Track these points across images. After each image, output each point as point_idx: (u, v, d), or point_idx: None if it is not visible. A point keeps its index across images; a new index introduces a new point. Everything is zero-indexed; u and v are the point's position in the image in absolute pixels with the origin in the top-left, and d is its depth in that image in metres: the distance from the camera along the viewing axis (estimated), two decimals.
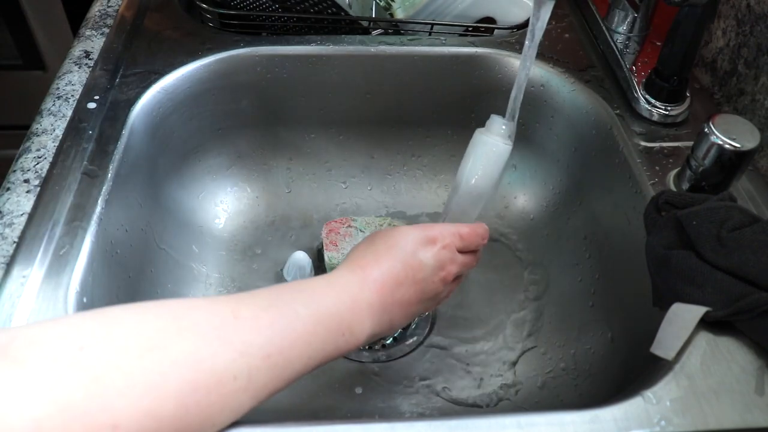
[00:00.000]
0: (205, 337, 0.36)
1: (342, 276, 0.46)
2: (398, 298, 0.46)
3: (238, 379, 0.36)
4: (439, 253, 0.49)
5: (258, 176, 0.79)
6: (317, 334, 0.41)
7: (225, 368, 0.35)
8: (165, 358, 0.34)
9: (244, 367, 0.36)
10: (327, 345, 0.42)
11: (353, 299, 0.44)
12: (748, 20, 0.62)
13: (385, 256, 0.47)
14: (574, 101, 0.70)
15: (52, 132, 0.60)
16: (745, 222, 0.48)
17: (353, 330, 0.43)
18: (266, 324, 0.39)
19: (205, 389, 0.34)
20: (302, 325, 0.40)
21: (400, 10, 0.79)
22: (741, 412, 0.42)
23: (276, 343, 0.38)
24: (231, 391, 0.35)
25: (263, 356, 0.37)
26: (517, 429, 0.40)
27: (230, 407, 0.36)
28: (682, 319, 0.45)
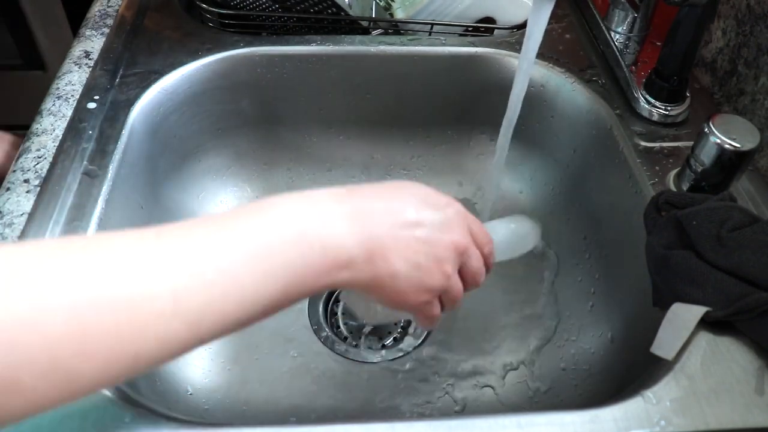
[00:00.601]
0: (116, 254, 0.31)
1: (310, 191, 0.38)
2: (394, 230, 0.38)
3: (158, 299, 0.30)
4: (456, 210, 0.42)
5: (258, 176, 0.79)
6: (269, 245, 0.34)
7: (139, 287, 0.30)
8: (63, 268, 0.29)
9: (166, 287, 0.30)
10: (289, 259, 0.34)
11: (320, 208, 0.37)
12: (748, 20, 0.62)
13: (388, 189, 0.41)
14: (574, 101, 0.70)
15: (52, 132, 0.60)
16: (745, 222, 0.48)
17: (325, 242, 0.36)
18: (197, 239, 0.33)
19: (108, 307, 0.29)
20: (246, 234, 0.34)
21: (400, 10, 0.79)
22: (741, 412, 0.42)
23: (212, 260, 0.32)
24: (150, 314, 0.30)
25: (193, 274, 0.31)
26: (517, 429, 0.40)
27: (154, 332, 0.30)
28: (682, 319, 0.45)
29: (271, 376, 0.64)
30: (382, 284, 0.39)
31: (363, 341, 0.68)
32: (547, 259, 0.73)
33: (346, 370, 0.65)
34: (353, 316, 0.67)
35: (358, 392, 0.63)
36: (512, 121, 0.56)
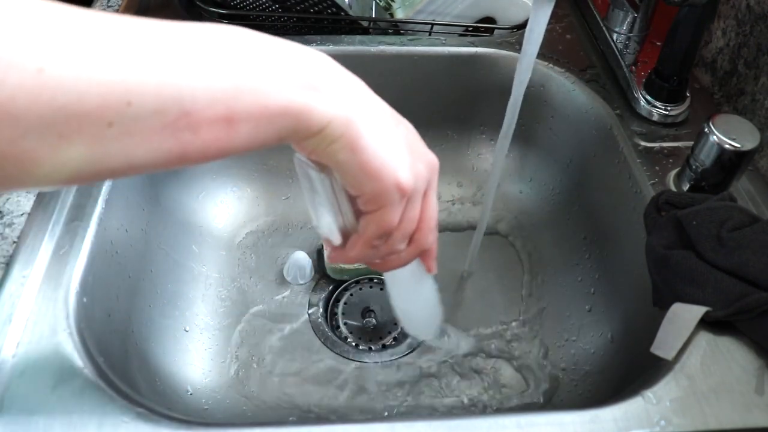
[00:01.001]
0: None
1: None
2: (376, 102, 0.38)
3: (45, 72, 0.24)
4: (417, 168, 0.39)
5: (258, 176, 0.79)
6: (249, 56, 0.30)
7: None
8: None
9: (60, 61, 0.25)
10: (266, 81, 0.30)
11: (315, 55, 0.33)
12: (748, 20, 0.62)
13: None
14: (574, 101, 0.70)
15: None
16: (745, 222, 0.48)
17: (317, 86, 0.31)
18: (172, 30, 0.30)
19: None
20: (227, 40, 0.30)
21: (400, 10, 0.79)
22: (741, 412, 0.42)
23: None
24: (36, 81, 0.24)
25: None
26: (517, 429, 0.40)
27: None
28: (682, 319, 0.45)
29: (271, 376, 0.64)
30: (374, 136, 0.35)
31: (363, 341, 0.68)
32: (547, 258, 0.73)
33: (346, 370, 0.65)
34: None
35: (358, 392, 0.63)
36: (512, 121, 0.56)
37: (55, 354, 0.43)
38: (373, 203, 0.37)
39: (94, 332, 0.47)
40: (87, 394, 0.41)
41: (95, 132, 0.26)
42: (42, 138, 0.25)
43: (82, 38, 0.26)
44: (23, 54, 0.24)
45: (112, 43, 0.27)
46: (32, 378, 0.42)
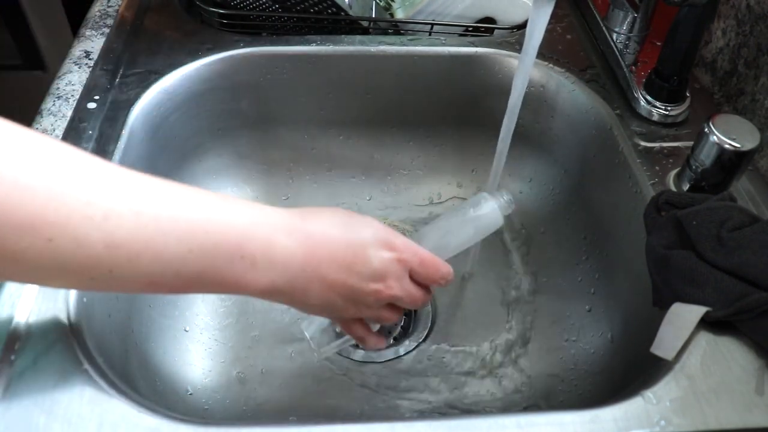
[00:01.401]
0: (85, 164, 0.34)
1: (273, 210, 0.40)
2: (323, 272, 0.41)
3: (92, 206, 0.32)
4: (387, 262, 0.43)
5: (258, 176, 0.79)
6: (199, 243, 0.36)
7: (83, 188, 0.32)
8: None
9: (104, 203, 0.33)
10: (213, 262, 0.36)
11: (271, 236, 0.38)
12: (748, 20, 0.62)
13: (339, 226, 0.42)
14: (574, 101, 0.70)
15: (52, 132, 0.60)
16: (745, 222, 0.48)
17: (256, 263, 0.37)
18: (158, 187, 0.35)
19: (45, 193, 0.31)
20: (201, 213, 0.36)
21: (400, 10, 0.79)
22: (741, 412, 0.42)
23: (156, 207, 0.34)
24: (79, 214, 0.32)
25: (133, 208, 0.34)
26: (517, 429, 0.40)
27: (73, 231, 0.32)
28: (682, 319, 0.45)
29: (271, 376, 0.64)
30: (295, 306, 0.44)
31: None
32: (547, 258, 0.73)
33: (346, 369, 0.65)
34: None
35: (358, 392, 0.63)
36: (512, 121, 0.56)
37: (55, 354, 0.43)
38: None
39: (94, 332, 0.47)
40: (87, 394, 0.41)
41: (81, 281, 0.34)
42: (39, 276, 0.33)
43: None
44: (42, 224, 0.31)
45: (117, 236, 0.34)
46: (32, 378, 0.42)
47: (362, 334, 0.49)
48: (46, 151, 0.33)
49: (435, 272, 0.46)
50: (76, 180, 0.33)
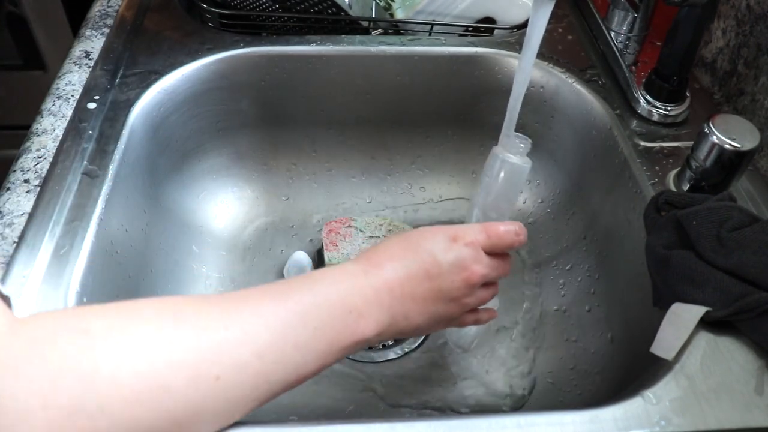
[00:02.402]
0: (202, 328, 0.36)
1: (344, 264, 0.44)
2: (409, 290, 0.44)
3: (222, 378, 0.35)
4: (459, 251, 0.45)
5: (258, 176, 0.79)
6: (318, 308, 0.40)
7: (199, 364, 0.35)
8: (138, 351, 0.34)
9: (232, 359, 0.36)
10: (333, 320, 0.40)
11: (355, 281, 0.42)
12: (748, 20, 0.62)
13: (398, 251, 0.45)
14: (574, 101, 0.70)
15: (52, 132, 0.60)
16: (745, 222, 0.48)
17: (361, 309, 0.42)
18: (266, 310, 0.38)
19: (179, 384, 0.34)
20: (299, 299, 0.40)
21: (400, 10, 0.79)
22: (741, 412, 0.42)
23: (266, 339, 0.38)
24: (213, 389, 0.35)
25: (253, 353, 0.37)
26: (517, 429, 0.40)
27: (221, 405, 0.36)
28: (682, 319, 0.45)
29: None
30: (406, 334, 0.47)
31: None
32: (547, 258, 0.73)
33: (347, 369, 0.65)
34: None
35: (358, 392, 0.63)
36: (512, 121, 0.55)
37: None
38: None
39: None
40: None
41: (248, 406, 0.37)
42: (215, 422, 0.36)
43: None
44: (206, 366, 0.35)
45: (260, 342, 0.37)
46: None
47: (475, 318, 0.51)
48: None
49: (505, 236, 0.48)
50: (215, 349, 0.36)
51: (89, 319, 0.34)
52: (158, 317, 0.35)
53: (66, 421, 0.30)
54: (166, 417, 0.33)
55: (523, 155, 0.52)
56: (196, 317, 0.36)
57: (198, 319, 0.36)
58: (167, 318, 0.36)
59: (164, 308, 0.36)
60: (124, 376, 0.32)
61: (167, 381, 0.33)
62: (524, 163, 0.52)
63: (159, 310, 0.36)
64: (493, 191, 0.52)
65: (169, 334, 0.35)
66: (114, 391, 0.32)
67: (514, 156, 0.52)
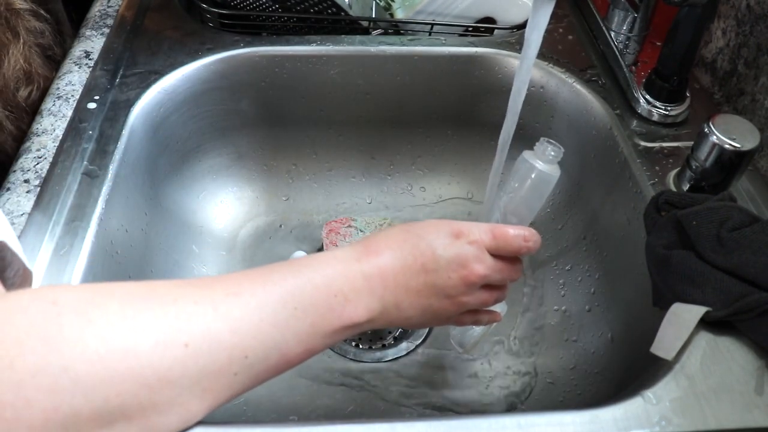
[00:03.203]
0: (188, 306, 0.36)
1: (339, 249, 0.44)
2: (403, 281, 0.43)
3: (191, 346, 0.35)
4: (460, 248, 0.44)
5: (258, 176, 0.79)
6: (306, 290, 0.39)
7: (166, 330, 0.35)
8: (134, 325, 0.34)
9: (201, 330, 0.36)
10: (316, 311, 0.40)
11: (346, 266, 0.42)
12: (748, 20, 0.62)
13: (398, 240, 0.44)
14: (574, 101, 0.70)
15: (52, 132, 0.60)
16: (745, 222, 0.48)
17: (347, 294, 0.41)
18: (248, 291, 0.38)
19: (145, 347, 0.34)
20: (288, 282, 0.39)
21: (400, 10, 0.79)
22: (741, 412, 0.42)
23: (239, 314, 0.37)
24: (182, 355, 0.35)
25: (226, 327, 0.37)
26: (517, 429, 0.40)
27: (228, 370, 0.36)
28: (682, 319, 0.45)
29: None
30: (400, 325, 0.46)
31: (363, 341, 0.68)
32: (547, 258, 0.73)
33: (347, 369, 0.65)
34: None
35: (358, 392, 0.63)
36: (513, 121, 0.55)
37: None
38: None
39: None
40: None
41: (227, 381, 0.37)
42: (192, 394, 0.35)
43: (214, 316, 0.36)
44: (173, 333, 0.35)
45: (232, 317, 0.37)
46: None
47: (474, 319, 0.50)
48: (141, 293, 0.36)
49: (513, 240, 0.46)
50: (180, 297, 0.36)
51: (60, 292, 0.34)
52: (129, 293, 0.36)
53: (30, 380, 0.31)
54: (133, 378, 0.33)
55: (554, 163, 0.51)
56: (166, 292, 0.36)
57: (168, 293, 0.36)
58: (137, 293, 0.36)
59: (137, 286, 0.37)
60: (88, 339, 0.32)
61: (133, 344, 0.33)
62: (553, 171, 0.51)
63: (131, 287, 0.36)
64: (517, 196, 0.51)
65: (137, 305, 0.35)
66: (78, 353, 0.32)
67: (544, 163, 0.51)
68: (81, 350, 0.32)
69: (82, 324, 0.33)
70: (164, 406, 0.34)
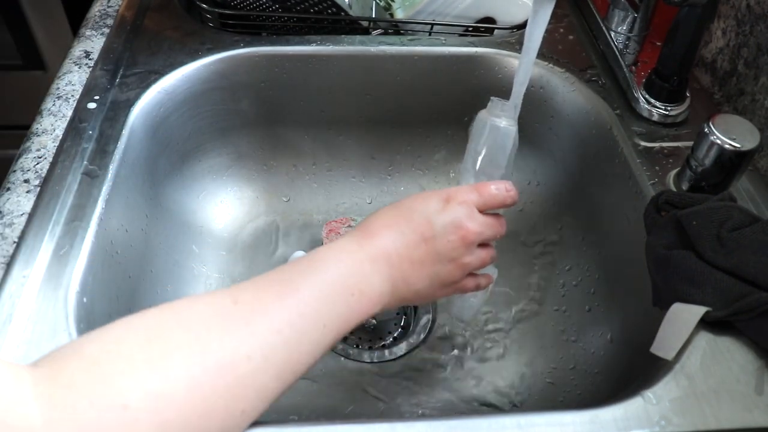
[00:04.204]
0: (207, 324, 0.36)
1: (340, 241, 0.45)
2: (407, 255, 0.44)
3: (253, 359, 0.36)
4: (452, 210, 0.46)
5: (258, 176, 0.79)
6: (323, 299, 0.41)
7: (234, 350, 0.36)
8: (167, 345, 0.34)
9: (255, 347, 0.36)
10: (338, 307, 0.41)
11: (352, 257, 0.43)
12: (748, 20, 0.62)
13: (392, 218, 0.46)
14: (574, 101, 0.70)
15: (52, 132, 0.60)
16: (744, 222, 0.48)
17: (362, 288, 0.42)
18: (269, 301, 0.39)
19: (216, 371, 0.34)
20: (306, 293, 0.40)
21: (400, 10, 0.79)
22: (740, 412, 0.42)
23: (283, 318, 0.38)
24: (248, 372, 0.36)
25: (273, 332, 0.37)
26: (517, 429, 0.40)
27: (253, 389, 0.36)
28: (682, 319, 0.45)
29: None
30: (410, 300, 0.47)
31: (363, 341, 0.68)
32: (547, 259, 0.73)
33: (347, 369, 0.65)
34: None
35: (358, 392, 0.63)
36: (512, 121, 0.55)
37: None
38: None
39: None
40: None
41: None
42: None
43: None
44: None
45: (274, 362, 0.38)
46: None
47: (476, 283, 0.51)
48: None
49: (495, 193, 0.48)
50: (219, 346, 0.36)
51: (126, 387, 0.33)
52: (185, 341, 0.36)
53: None
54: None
55: (509, 118, 0.51)
56: (211, 336, 0.36)
57: (214, 336, 0.36)
58: (193, 342, 0.36)
59: (189, 329, 0.36)
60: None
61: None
62: (510, 125, 0.51)
63: (185, 330, 0.36)
64: (481, 156, 0.52)
65: (197, 360, 0.35)
66: (131, 388, 0.32)
67: (499, 119, 0.51)
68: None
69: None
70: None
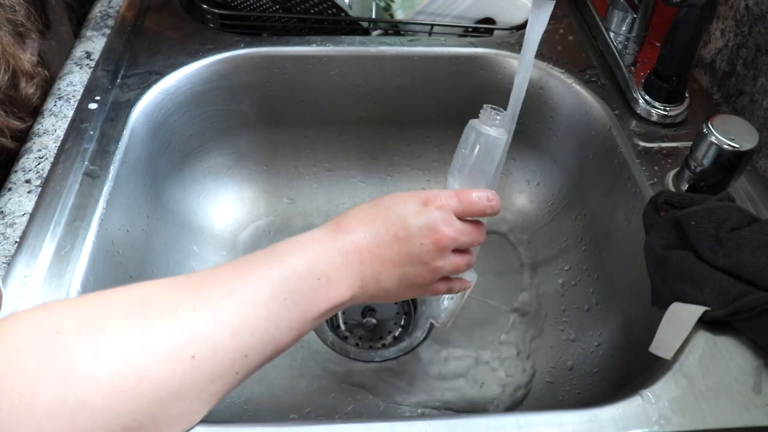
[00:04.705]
0: (163, 296, 0.37)
1: (312, 231, 0.45)
2: (378, 253, 0.44)
3: (199, 311, 0.36)
4: (429, 214, 0.45)
5: (258, 176, 0.79)
6: (288, 275, 0.40)
7: (185, 310, 0.36)
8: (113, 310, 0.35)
9: (204, 305, 0.37)
10: (302, 287, 0.41)
11: (322, 246, 0.43)
12: (747, 21, 0.62)
13: (368, 215, 0.45)
14: (574, 102, 0.71)
15: (53, 132, 0.60)
16: (743, 222, 0.48)
17: (329, 275, 0.42)
18: (222, 275, 0.39)
19: (156, 370, 0.35)
20: (265, 269, 0.40)
21: (400, 11, 0.79)
22: (739, 411, 0.42)
23: (236, 285, 0.39)
24: (205, 331, 0.36)
25: (223, 295, 0.38)
26: (517, 429, 0.41)
27: (207, 346, 0.36)
28: (681, 318, 0.46)
29: (272, 375, 0.64)
30: (379, 298, 0.47)
31: (363, 340, 0.68)
32: (547, 258, 0.73)
33: (346, 369, 0.65)
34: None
35: (357, 392, 0.63)
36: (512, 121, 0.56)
37: None
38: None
39: None
40: None
41: (229, 380, 0.38)
42: (200, 401, 0.37)
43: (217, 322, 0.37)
44: (180, 347, 0.36)
45: (230, 320, 0.38)
46: None
47: (447, 287, 0.51)
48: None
49: (476, 202, 0.47)
50: (172, 300, 0.37)
51: (58, 317, 0.34)
52: (127, 308, 0.36)
53: (49, 420, 0.31)
54: (147, 400, 0.34)
55: (500, 128, 0.51)
56: (163, 304, 0.37)
57: (166, 305, 0.37)
58: (135, 308, 0.36)
59: (131, 296, 0.37)
60: (101, 371, 0.33)
61: (144, 366, 0.34)
62: (500, 134, 0.51)
63: (126, 298, 0.37)
64: (469, 163, 0.52)
65: (138, 322, 0.35)
66: (93, 388, 0.32)
67: (490, 128, 0.51)
68: (95, 384, 0.32)
69: (91, 354, 0.33)
70: (176, 418, 0.35)
